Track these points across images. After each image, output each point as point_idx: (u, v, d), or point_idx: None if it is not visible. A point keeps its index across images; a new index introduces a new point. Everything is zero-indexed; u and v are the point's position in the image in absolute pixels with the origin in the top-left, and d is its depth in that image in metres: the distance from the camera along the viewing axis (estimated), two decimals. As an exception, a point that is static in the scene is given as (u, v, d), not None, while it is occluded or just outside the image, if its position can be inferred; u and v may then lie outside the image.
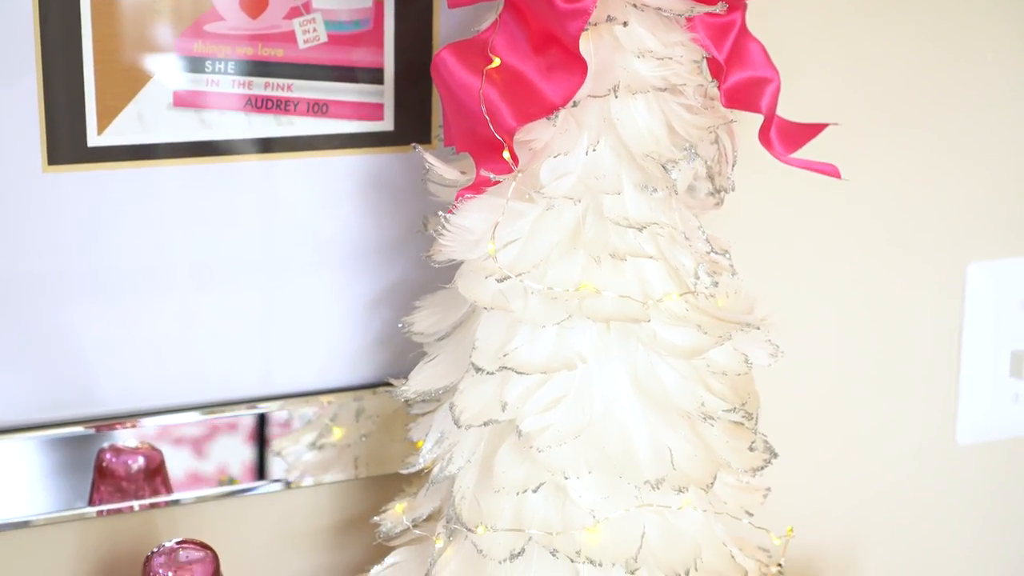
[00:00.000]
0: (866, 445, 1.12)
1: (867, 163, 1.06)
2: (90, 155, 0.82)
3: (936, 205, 1.10)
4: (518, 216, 0.77)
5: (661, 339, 0.79)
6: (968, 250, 1.12)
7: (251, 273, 0.89)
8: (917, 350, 1.12)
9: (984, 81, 1.09)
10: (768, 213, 1.04)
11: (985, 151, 1.11)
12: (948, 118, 1.09)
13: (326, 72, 0.86)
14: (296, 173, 0.87)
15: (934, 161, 1.09)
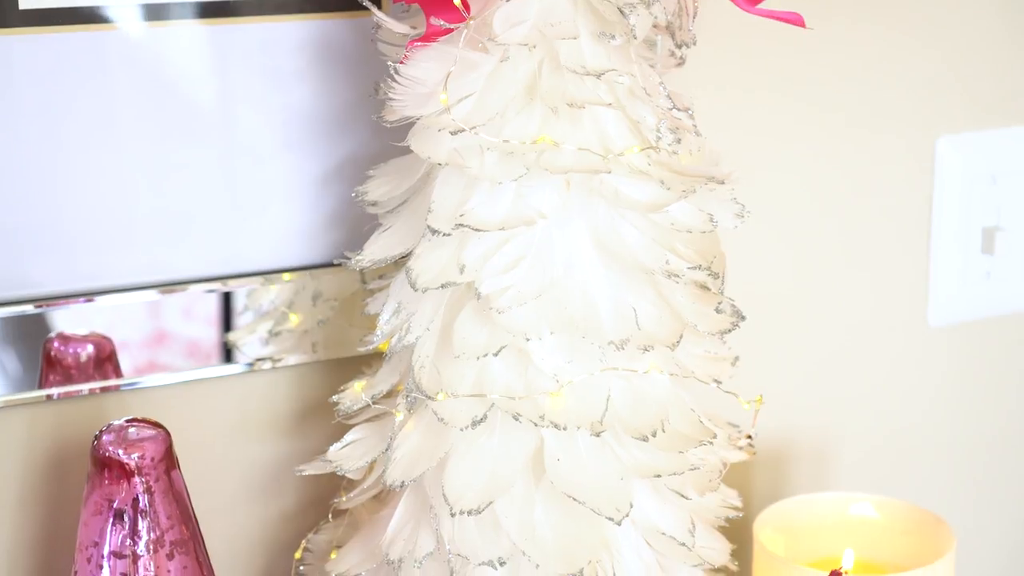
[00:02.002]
0: (837, 329, 1.11)
1: (833, 41, 1.04)
2: (21, 19, 0.79)
3: (902, 79, 1.08)
4: (471, 67, 0.74)
5: (623, 195, 0.76)
6: (937, 124, 1.10)
7: (198, 147, 0.86)
8: (887, 228, 1.10)
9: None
10: (732, 86, 1.01)
11: (950, 24, 1.08)
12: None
13: (271, -69, 0.83)
14: (241, 40, 0.85)
15: (899, 35, 1.07)
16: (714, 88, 0.98)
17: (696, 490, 0.82)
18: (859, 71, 1.05)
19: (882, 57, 1.06)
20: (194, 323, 0.89)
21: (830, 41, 1.03)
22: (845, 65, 1.05)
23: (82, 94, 0.82)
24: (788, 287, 1.08)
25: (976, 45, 1.10)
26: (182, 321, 0.88)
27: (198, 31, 0.83)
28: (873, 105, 1.07)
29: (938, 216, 1.11)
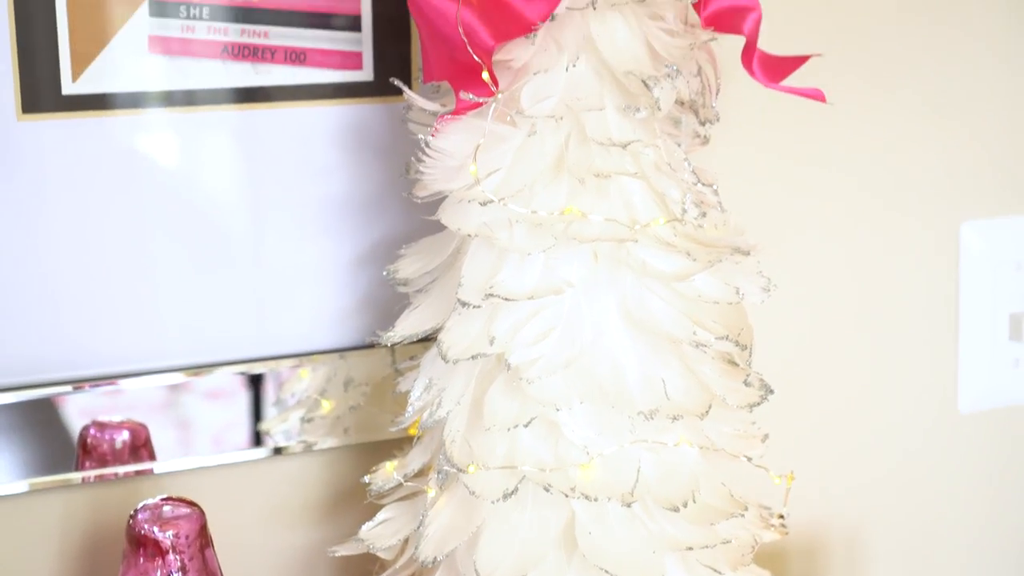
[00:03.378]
0: (867, 415, 1.10)
1: (857, 122, 1.06)
2: (65, 103, 0.82)
3: (926, 164, 1.09)
4: (500, 141, 0.76)
5: (650, 266, 0.77)
6: (961, 210, 1.11)
7: (231, 230, 0.87)
8: (914, 315, 1.11)
9: (971, 38, 1.09)
10: (755, 166, 1.03)
11: (974, 109, 1.10)
12: (936, 76, 1.08)
13: (303, 19, 0.85)
14: (275, 125, 0.87)
15: (923, 120, 1.08)
16: (737, 168, 0.99)
17: (729, 565, 0.82)
18: (882, 154, 1.07)
19: (905, 141, 1.08)
20: (225, 406, 0.90)
21: (853, 123, 1.05)
22: (868, 148, 1.06)
23: (114, 178, 0.84)
24: (816, 372, 1.08)
25: (998, 129, 1.11)
26: (213, 404, 0.89)
27: (231, 116, 0.86)
28: (896, 189, 1.08)
29: (965, 302, 1.11)
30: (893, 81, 1.06)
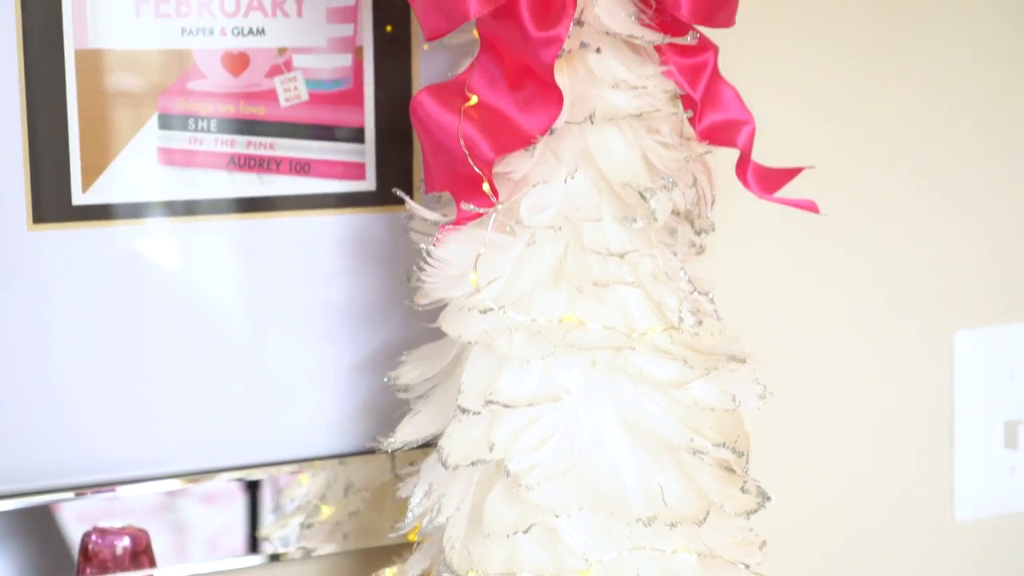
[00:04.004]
0: (865, 523, 1.11)
1: (851, 231, 1.07)
2: (75, 213, 0.83)
3: (920, 274, 1.11)
4: (500, 250, 0.77)
5: (647, 373, 0.78)
6: (954, 319, 1.12)
7: (234, 336, 0.88)
8: (909, 424, 1.12)
9: (965, 148, 1.11)
10: (751, 281, 1.04)
11: (968, 217, 1.12)
12: (931, 185, 1.10)
13: (308, 131, 0.87)
14: (279, 233, 0.88)
15: (917, 229, 1.10)
16: (733, 277, 1.01)
17: (726, 671, 0.82)
18: (876, 263, 1.08)
19: (899, 250, 1.09)
20: (223, 512, 0.90)
21: (846, 232, 1.07)
22: (861, 256, 1.08)
23: (118, 285, 0.85)
24: (812, 479, 1.08)
25: (992, 238, 1.13)
26: (210, 510, 0.90)
27: (235, 225, 0.87)
28: (890, 299, 1.10)
29: (960, 410, 1.12)
30: (886, 191, 1.08)
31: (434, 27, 0.74)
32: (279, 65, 0.86)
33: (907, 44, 1.08)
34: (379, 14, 0.88)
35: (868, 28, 1.06)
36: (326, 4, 0.86)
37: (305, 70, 0.87)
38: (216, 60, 0.85)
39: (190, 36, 0.84)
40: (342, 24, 0.87)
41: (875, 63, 1.07)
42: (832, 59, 1.05)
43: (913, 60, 1.08)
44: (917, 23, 1.08)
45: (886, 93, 1.08)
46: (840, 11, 1.05)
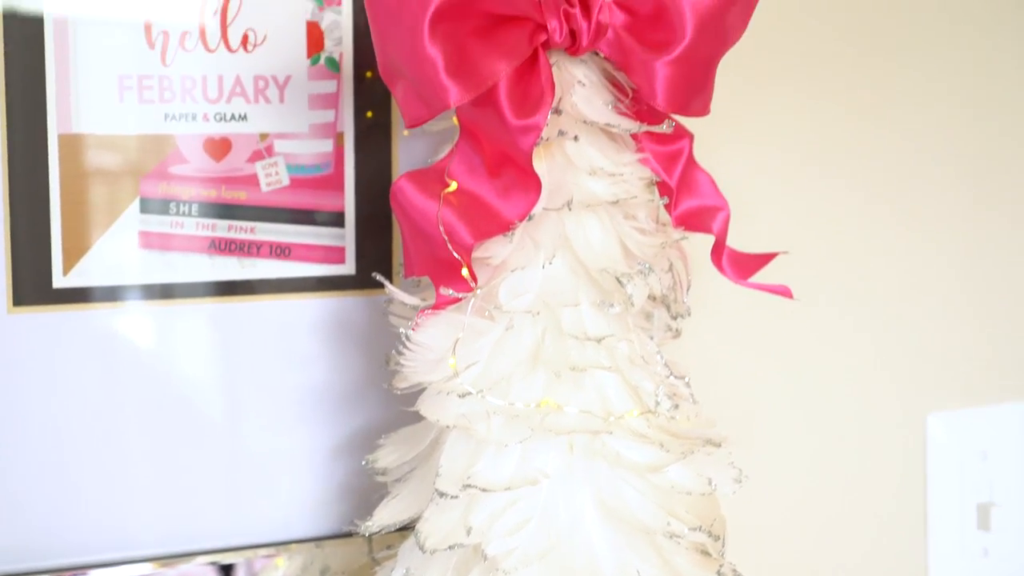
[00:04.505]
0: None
1: (823, 316, 1.08)
2: (55, 296, 0.84)
3: (892, 357, 1.12)
4: (479, 335, 0.78)
5: (624, 457, 0.79)
6: (927, 402, 1.13)
7: (211, 419, 0.89)
8: (882, 506, 1.12)
9: (935, 233, 1.13)
10: (727, 365, 1.05)
11: (941, 301, 1.13)
12: (904, 268, 1.12)
13: (288, 215, 0.88)
14: (259, 316, 0.89)
15: (890, 311, 1.11)
16: (709, 360, 1.02)
17: None
18: (848, 347, 1.10)
19: (871, 333, 1.11)
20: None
21: (819, 316, 1.08)
22: (834, 340, 1.09)
23: (95, 367, 0.86)
24: (787, 562, 1.09)
25: (963, 322, 1.15)
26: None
27: (215, 308, 0.88)
28: (863, 382, 1.11)
29: (933, 492, 1.13)
30: (859, 273, 1.10)
31: (414, 115, 0.75)
32: (261, 150, 0.87)
33: (878, 127, 1.10)
34: (360, 100, 0.89)
35: (839, 113, 1.08)
36: (308, 91, 0.88)
37: (287, 155, 0.88)
38: (198, 145, 0.86)
39: (173, 121, 0.85)
40: (324, 110, 0.88)
41: (847, 146, 1.09)
42: (804, 144, 1.07)
43: (884, 143, 1.10)
44: (888, 106, 1.10)
45: (858, 177, 1.09)
46: (811, 99, 1.07)
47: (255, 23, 0.86)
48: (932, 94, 1.12)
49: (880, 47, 1.09)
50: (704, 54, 0.76)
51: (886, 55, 1.09)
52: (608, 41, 0.76)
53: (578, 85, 0.77)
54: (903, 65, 1.10)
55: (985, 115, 1.14)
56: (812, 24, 1.06)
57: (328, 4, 0.87)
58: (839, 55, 1.07)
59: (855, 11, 1.07)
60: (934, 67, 1.11)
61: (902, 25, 1.10)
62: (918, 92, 1.11)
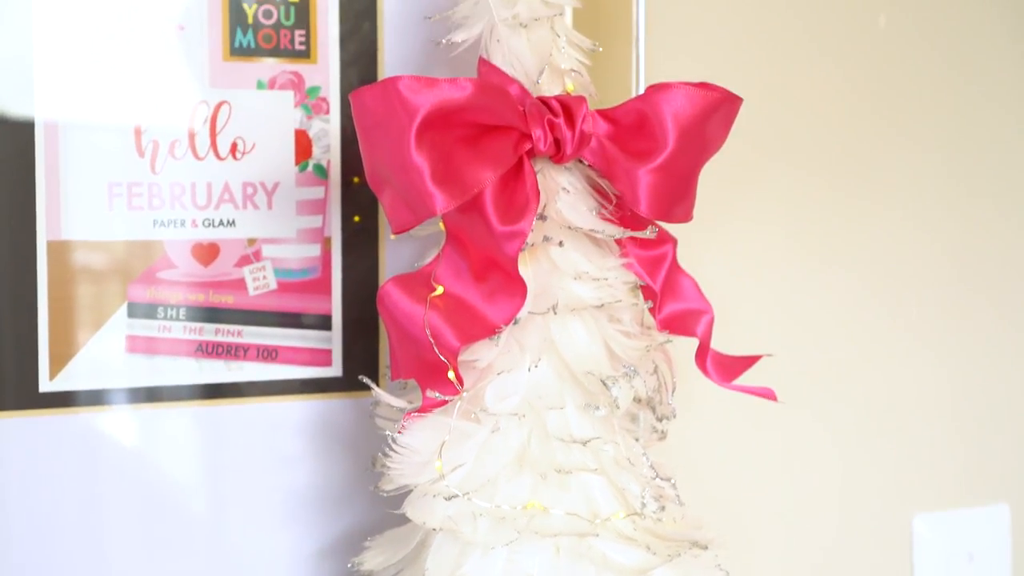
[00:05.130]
0: None
1: (809, 418, 1.09)
2: (41, 401, 0.84)
3: (878, 458, 1.12)
4: (465, 437, 0.78)
5: (611, 560, 0.79)
6: (913, 503, 1.13)
7: (196, 521, 0.88)
8: (871, 606, 1.12)
9: (920, 336, 1.14)
10: (713, 467, 1.05)
11: (925, 404, 1.14)
12: (889, 368, 1.12)
13: (275, 318, 0.89)
14: (245, 418, 0.89)
15: (876, 412, 1.12)
16: (694, 462, 1.02)
17: None
18: (835, 447, 1.10)
19: (858, 435, 1.11)
20: None
21: (804, 419, 1.08)
22: (821, 441, 1.09)
23: (80, 470, 0.85)
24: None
25: (948, 425, 1.15)
26: None
27: (201, 411, 0.88)
28: (849, 483, 1.11)
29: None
30: (844, 374, 1.11)
31: (401, 221, 0.76)
32: (249, 255, 0.88)
33: (859, 233, 1.11)
34: (347, 206, 0.90)
35: (820, 219, 1.09)
36: (296, 197, 0.89)
37: (274, 260, 0.88)
38: (187, 250, 0.86)
39: (161, 227, 0.86)
40: (311, 216, 0.89)
41: (829, 251, 1.10)
42: (787, 249, 1.08)
43: (866, 248, 1.11)
44: (869, 211, 1.11)
45: (842, 281, 1.11)
46: (793, 206, 1.08)
47: (244, 131, 0.87)
48: (911, 199, 1.13)
49: (857, 152, 1.11)
50: (686, 163, 0.77)
51: (865, 159, 1.11)
52: (592, 150, 0.78)
53: (563, 192, 0.79)
54: (882, 169, 1.12)
55: (968, 218, 1.16)
56: (793, 131, 1.08)
57: (316, 112, 0.89)
58: (818, 162, 1.09)
59: (834, 118, 1.09)
60: (914, 172, 1.13)
61: (880, 130, 1.12)
62: (897, 198, 1.13)
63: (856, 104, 1.10)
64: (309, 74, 0.89)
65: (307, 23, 0.88)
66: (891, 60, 1.11)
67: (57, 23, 0.83)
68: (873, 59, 1.10)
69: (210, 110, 0.86)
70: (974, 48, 1.15)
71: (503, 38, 0.79)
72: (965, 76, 1.14)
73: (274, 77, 0.88)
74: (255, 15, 0.87)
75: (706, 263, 0.97)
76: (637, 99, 0.77)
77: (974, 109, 1.15)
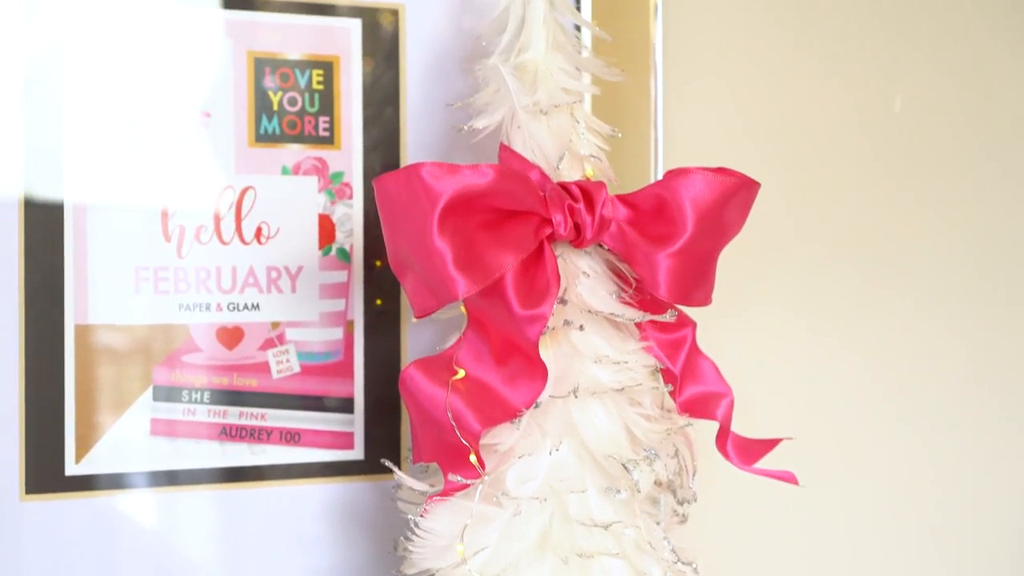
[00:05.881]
0: None
1: (830, 501, 1.09)
2: (67, 484, 0.84)
3: (898, 543, 1.12)
4: (487, 521, 0.78)
5: (633, 645, 0.79)
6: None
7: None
8: None
9: (935, 422, 1.14)
10: (734, 550, 1.05)
11: (945, 490, 1.14)
12: (906, 457, 1.12)
13: (299, 401, 0.89)
14: (267, 501, 0.89)
15: (896, 498, 1.12)
16: (716, 546, 1.02)
17: None
18: (855, 532, 1.09)
19: (877, 518, 1.11)
20: None
21: (826, 502, 1.08)
22: (840, 527, 1.09)
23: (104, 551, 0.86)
24: None
25: (967, 512, 1.15)
26: None
27: (222, 495, 0.88)
28: (871, 567, 1.10)
29: None
30: (861, 462, 1.10)
31: (423, 305, 0.77)
32: (272, 339, 0.89)
33: (878, 319, 1.11)
34: (370, 289, 0.91)
35: (839, 304, 1.10)
36: (319, 280, 0.90)
37: (297, 343, 0.89)
38: (211, 334, 0.87)
39: (187, 311, 0.87)
40: (334, 299, 0.90)
41: (850, 335, 1.10)
42: (806, 331, 1.09)
43: (887, 332, 1.12)
44: (887, 296, 1.12)
45: (861, 365, 1.11)
46: (811, 290, 1.09)
47: (269, 216, 0.88)
48: (928, 283, 1.14)
49: (874, 237, 1.11)
50: (705, 247, 0.78)
51: (881, 244, 1.12)
52: (611, 234, 0.78)
53: (583, 276, 0.80)
54: (899, 254, 1.12)
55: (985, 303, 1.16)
56: (810, 215, 1.09)
57: (340, 197, 0.90)
58: (835, 246, 1.10)
59: (851, 202, 1.10)
60: (931, 257, 1.14)
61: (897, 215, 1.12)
62: (914, 282, 1.13)
63: (873, 189, 1.11)
64: (333, 160, 0.90)
65: (331, 110, 0.90)
66: (908, 144, 1.12)
67: (86, 109, 0.85)
68: (890, 143, 1.11)
69: (236, 195, 0.88)
70: (992, 131, 1.16)
71: (524, 124, 0.80)
72: (983, 161, 1.15)
73: (298, 163, 0.89)
74: (280, 102, 0.89)
75: (725, 346, 0.98)
76: (656, 184, 0.78)
77: (993, 195, 1.16)
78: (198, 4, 0.87)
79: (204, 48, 0.88)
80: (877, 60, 1.11)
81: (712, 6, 1.04)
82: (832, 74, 1.09)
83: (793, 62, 1.07)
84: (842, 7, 1.09)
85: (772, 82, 1.07)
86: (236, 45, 0.88)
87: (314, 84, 0.90)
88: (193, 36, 0.87)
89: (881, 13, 1.11)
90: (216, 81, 0.88)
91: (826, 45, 1.09)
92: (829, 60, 1.09)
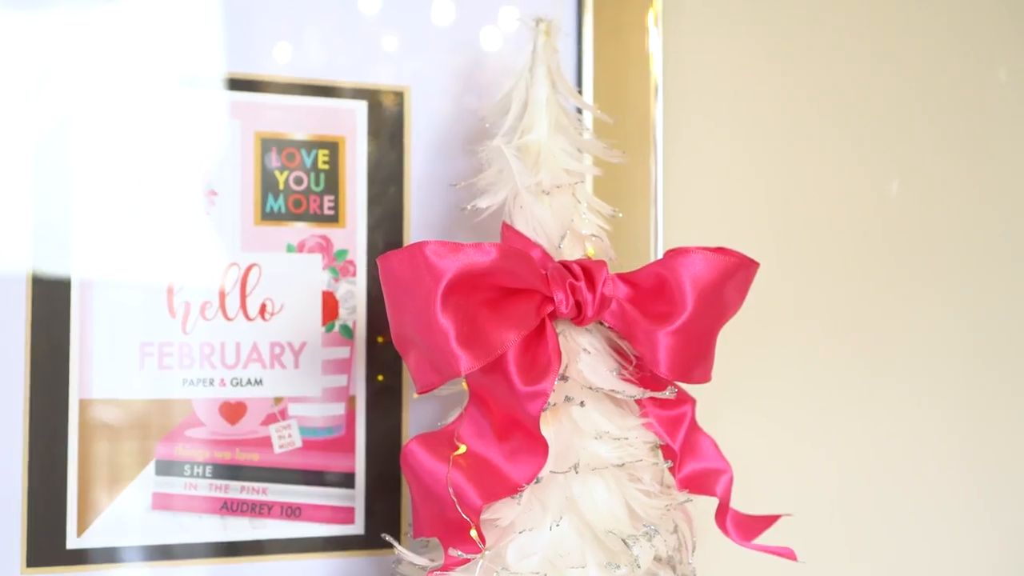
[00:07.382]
0: None
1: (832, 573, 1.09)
2: (68, 557, 0.85)
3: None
4: (487, 596, 0.79)
5: None
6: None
7: None
8: None
9: (936, 495, 1.14)
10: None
11: (945, 567, 1.14)
12: (906, 531, 1.12)
13: (300, 476, 0.90)
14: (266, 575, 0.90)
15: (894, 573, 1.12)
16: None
17: None
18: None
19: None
20: None
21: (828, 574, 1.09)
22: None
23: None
24: None
25: None
26: None
27: (223, 569, 0.89)
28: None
29: None
30: (861, 538, 1.11)
31: (426, 381, 0.78)
32: (275, 414, 0.90)
33: (878, 393, 1.12)
34: (372, 365, 0.92)
35: (839, 379, 1.11)
36: (322, 356, 0.91)
37: (300, 418, 0.90)
38: (214, 409, 0.88)
39: (190, 386, 0.88)
40: (337, 375, 0.91)
41: (849, 410, 1.11)
42: (804, 410, 1.09)
43: (882, 399, 1.12)
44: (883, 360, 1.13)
45: (862, 442, 1.11)
46: (811, 366, 1.10)
47: (273, 293, 0.90)
48: (925, 361, 1.15)
49: (870, 314, 1.12)
50: (704, 325, 0.79)
51: (877, 321, 1.13)
52: (612, 312, 0.79)
53: (584, 353, 0.80)
54: (896, 331, 1.13)
55: (982, 382, 1.17)
56: (807, 293, 1.10)
57: (344, 275, 0.91)
58: (832, 323, 1.11)
59: (846, 281, 1.11)
60: (927, 335, 1.15)
61: (894, 293, 1.13)
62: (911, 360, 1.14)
63: (870, 269, 1.12)
64: (337, 238, 0.91)
65: (336, 189, 0.91)
66: (905, 225, 1.14)
67: (94, 187, 0.87)
68: (888, 225, 1.13)
69: (241, 272, 0.89)
70: (990, 212, 1.17)
71: (526, 204, 0.82)
72: (980, 243, 1.17)
73: (303, 241, 0.91)
74: (286, 181, 0.90)
75: (725, 422, 0.99)
76: (656, 263, 0.80)
77: (991, 276, 1.17)
78: (205, 85, 0.89)
79: (211, 128, 0.89)
80: (875, 142, 1.12)
81: (712, 87, 1.06)
82: (830, 154, 1.11)
83: (792, 144, 1.09)
84: (839, 91, 1.11)
85: (771, 163, 1.08)
86: (243, 125, 0.90)
87: (320, 164, 0.91)
88: (200, 116, 0.89)
89: (880, 94, 1.13)
90: (223, 160, 0.89)
91: (825, 127, 1.10)
92: (828, 141, 1.11)
